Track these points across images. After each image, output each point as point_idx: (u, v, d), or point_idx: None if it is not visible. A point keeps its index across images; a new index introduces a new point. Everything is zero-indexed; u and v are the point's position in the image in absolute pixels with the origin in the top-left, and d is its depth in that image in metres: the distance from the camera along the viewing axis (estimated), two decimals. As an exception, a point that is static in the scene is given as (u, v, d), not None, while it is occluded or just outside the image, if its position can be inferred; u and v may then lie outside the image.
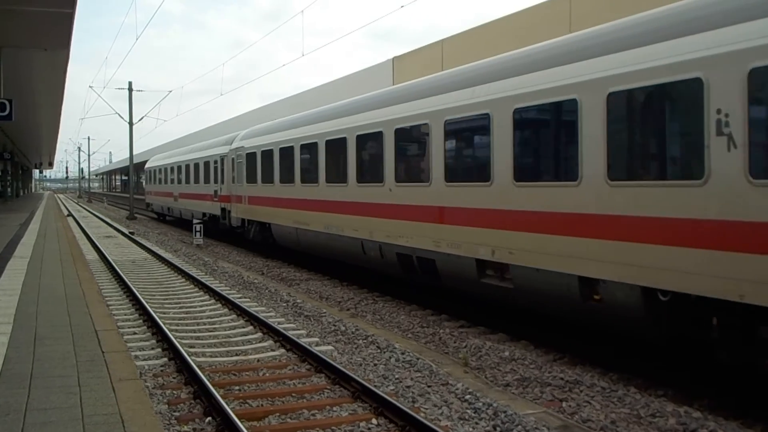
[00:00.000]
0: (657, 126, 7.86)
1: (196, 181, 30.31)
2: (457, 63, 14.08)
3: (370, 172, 13.90)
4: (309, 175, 17.09)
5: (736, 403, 7.44)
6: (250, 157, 21.78)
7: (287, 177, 18.60)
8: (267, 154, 20.09)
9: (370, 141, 13.93)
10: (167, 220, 42.11)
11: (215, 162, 26.86)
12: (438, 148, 11.42)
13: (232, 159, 23.99)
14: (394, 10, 20.89)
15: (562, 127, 9.09)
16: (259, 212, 21.28)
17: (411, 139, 12.66)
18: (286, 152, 18.67)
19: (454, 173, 11.14)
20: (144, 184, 49.91)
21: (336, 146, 15.38)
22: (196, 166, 30.37)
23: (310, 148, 17.02)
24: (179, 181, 34.54)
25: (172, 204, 36.94)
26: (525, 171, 9.52)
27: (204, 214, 28.80)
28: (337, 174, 15.44)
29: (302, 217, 17.45)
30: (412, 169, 12.61)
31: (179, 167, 34.55)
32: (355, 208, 14.45)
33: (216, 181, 26.64)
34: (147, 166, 47.65)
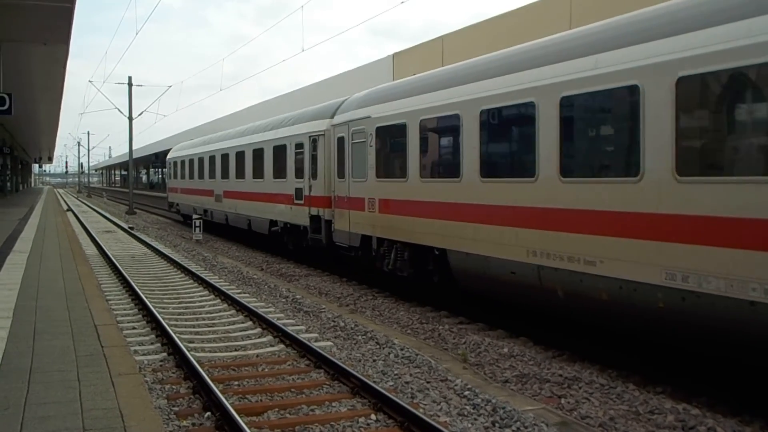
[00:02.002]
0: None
1: (258, 174, 21.73)
2: (457, 59, 14.03)
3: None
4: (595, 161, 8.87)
5: (735, 400, 7.45)
6: (388, 133, 13.46)
7: (516, 165, 10.05)
8: (446, 125, 11.55)
9: None
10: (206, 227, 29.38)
11: (297, 146, 18.45)
12: None
13: (341, 139, 15.49)
14: (395, 6, 20.81)
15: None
16: (411, 227, 12.47)
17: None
18: (518, 117, 10.04)
19: None
20: (167, 179, 39.69)
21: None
22: (258, 153, 21.84)
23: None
24: (225, 175, 25.69)
25: (211, 206, 27.63)
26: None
27: (274, 223, 20.24)
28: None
29: (564, 245, 8.83)
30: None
31: (225, 156, 25.63)
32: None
33: (300, 175, 18.19)
34: (171, 155, 37.42)
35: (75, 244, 19.42)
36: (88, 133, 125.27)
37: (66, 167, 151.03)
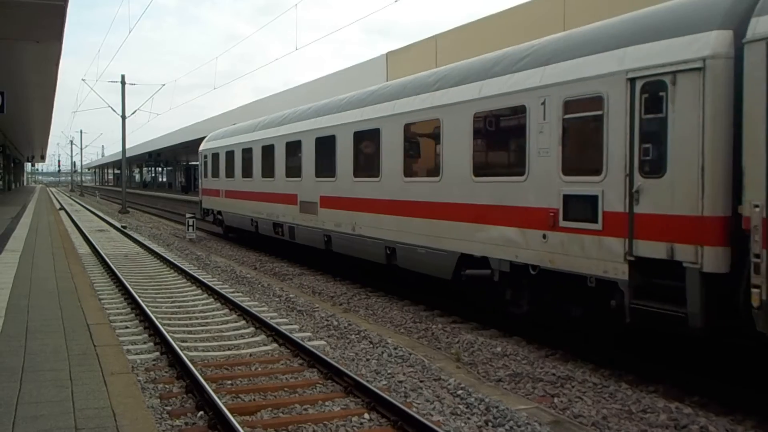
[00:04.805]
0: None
1: (433, 168, 11.86)
2: (450, 59, 14.06)
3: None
4: None
5: (727, 399, 7.48)
6: None
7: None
8: None
9: None
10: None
11: (570, 105, 8.79)
12: None
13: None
14: (388, 5, 20.67)
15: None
16: None
17: None
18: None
19: None
20: (200, 178, 29.28)
21: None
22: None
23: None
24: (326, 170, 15.70)
25: (291, 219, 17.76)
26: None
27: (468, 262, 10.71)
28: None
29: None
30: None
31: (330, 138, 15.48)
32: None
33: (592, 166, 8.40)
34: (208, 146, 27.06)
35: (67, 243, 19.35)
36: (81, 131, 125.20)
37: (59, 166, 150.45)
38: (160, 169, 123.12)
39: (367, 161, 14.00)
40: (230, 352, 9.28)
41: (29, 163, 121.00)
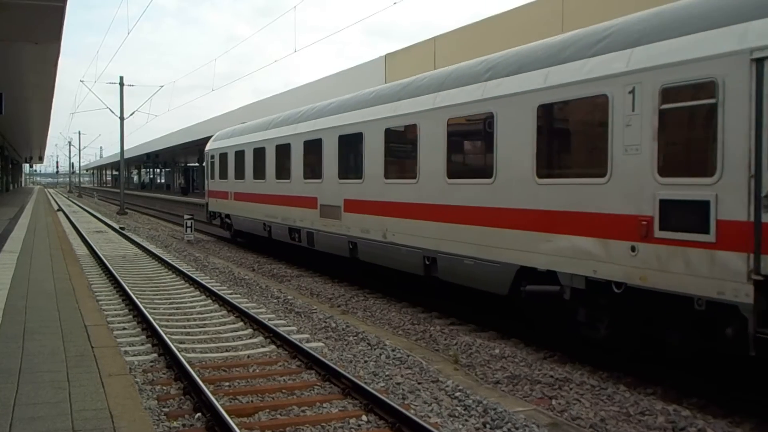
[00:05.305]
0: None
1: (481, 172, 10.47)
2: (449, 60, 14.06)
3: None
4: None
5: (725, 401, 7.48)
6: None
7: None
8: None
9: None
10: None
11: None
12: None
13: None
14: (387, 7, 20.68)
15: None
16: None
17: None
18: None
19: None
20: (206, 179, 27.38)
21: None
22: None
23: None
24: (352, 171, 14.43)
25: (310, 223, 16.28)
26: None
27: (528, 276, 9.35)
28: None
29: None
30: None
31: (357, 136, 14.02)
32: None
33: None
34: (215, 145, 25.55)
35: (65, 244, 19.34)
36: (79, 132, 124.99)
37: (57, 167, 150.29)
38: (158, 170, 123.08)
39: (401, 161, 12.77)
40: (228, 354, 9.27)
41: (27, 164, 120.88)
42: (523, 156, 9.39)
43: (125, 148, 47.19)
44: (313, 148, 16.29)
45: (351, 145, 14.42)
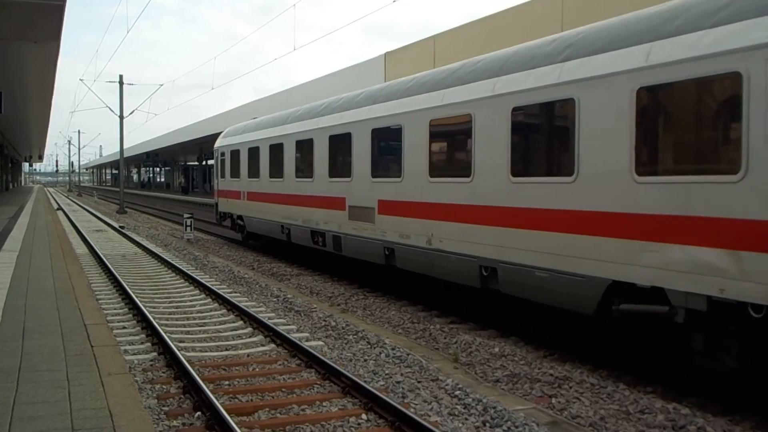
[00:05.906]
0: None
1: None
2: (449, 59, 14.03)
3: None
4: None
5: (725, 400, 7.48)
6: None
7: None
8: None
9: None
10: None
11: None
12: None
13: None
14: (386, 5, 20.65)
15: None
16: None
17: None
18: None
19: None
20: (215, 178, 25.82)
21: None
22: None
23: None
24: (387, 169, 13.07)
25: (336, 226, 14.88)
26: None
27: (623, 292, 7.88)
28: None
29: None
30: None
31: (389, 131, 12.85)
32: None
33: None
34: (225, 142, 23.88)
35: (65, 243, 19.34)
36: (79, 131, 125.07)
37: (56, 166, 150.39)
38: (158, 169, 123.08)
39: (450, 157, 11.49)
40: (228, 353, 9.27)
41: (27, 163, 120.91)
42: (616, 149, 7.85)
43: (125, 146, 47.17)
44: (340, 143, 14.75)
45: (387, 139, 13.02)
